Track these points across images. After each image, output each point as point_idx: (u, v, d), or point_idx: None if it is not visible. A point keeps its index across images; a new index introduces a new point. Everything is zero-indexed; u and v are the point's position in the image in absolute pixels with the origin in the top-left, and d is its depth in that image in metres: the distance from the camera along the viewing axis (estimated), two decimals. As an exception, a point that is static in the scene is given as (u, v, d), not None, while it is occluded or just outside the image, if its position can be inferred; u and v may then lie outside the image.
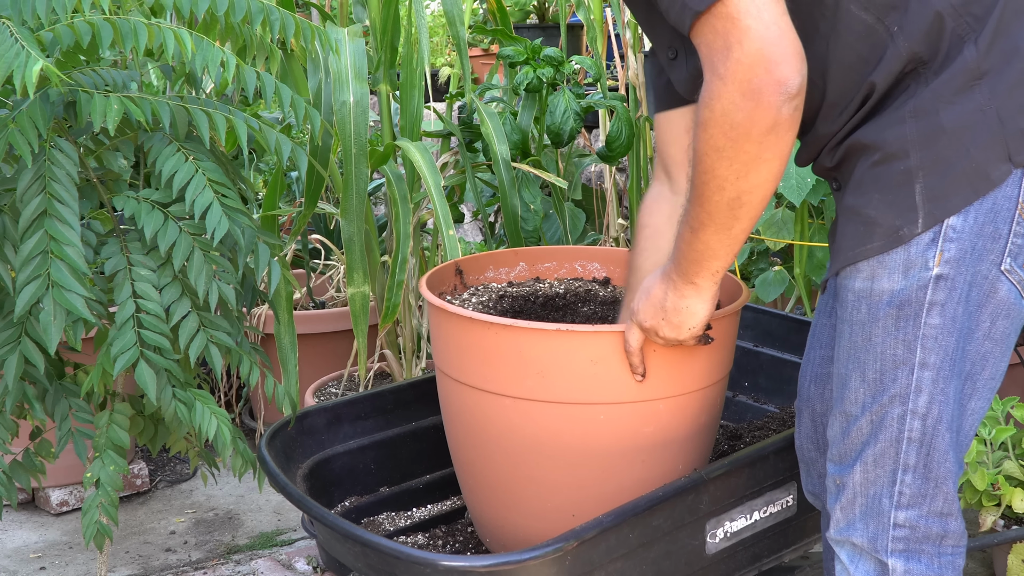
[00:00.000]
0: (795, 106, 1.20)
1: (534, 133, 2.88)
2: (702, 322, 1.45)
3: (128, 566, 2.47)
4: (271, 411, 3.14)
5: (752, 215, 1.29)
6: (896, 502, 1.36)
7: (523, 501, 1.71)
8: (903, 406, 1.33)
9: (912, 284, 1.28)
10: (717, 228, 1.30)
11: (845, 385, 1.38)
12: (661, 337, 1.48)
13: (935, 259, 1.27)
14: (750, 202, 1.27)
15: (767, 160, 1.23)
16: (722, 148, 1.22)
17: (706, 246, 1.33)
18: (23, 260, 1.47)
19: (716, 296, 1.44)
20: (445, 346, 1.72)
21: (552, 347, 1.58)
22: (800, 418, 1.63)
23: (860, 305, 1.33)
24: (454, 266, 1.96)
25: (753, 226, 1.32)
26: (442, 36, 4.48)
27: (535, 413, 1.62)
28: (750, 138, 1.20)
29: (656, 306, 1.46)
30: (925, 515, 1.36)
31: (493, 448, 1.70)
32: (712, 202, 1.28)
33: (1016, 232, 1.28)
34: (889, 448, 1.35)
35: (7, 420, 1.66)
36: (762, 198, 1.27)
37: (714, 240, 1.32)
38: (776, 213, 2.66)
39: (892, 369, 1.32)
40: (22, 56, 1.36)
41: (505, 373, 1.62)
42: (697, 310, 1.43)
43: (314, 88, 2.37)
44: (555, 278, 2.06)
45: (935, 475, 1.35)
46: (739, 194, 1.26)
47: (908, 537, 1.37)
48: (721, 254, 1.34)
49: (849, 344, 1.37)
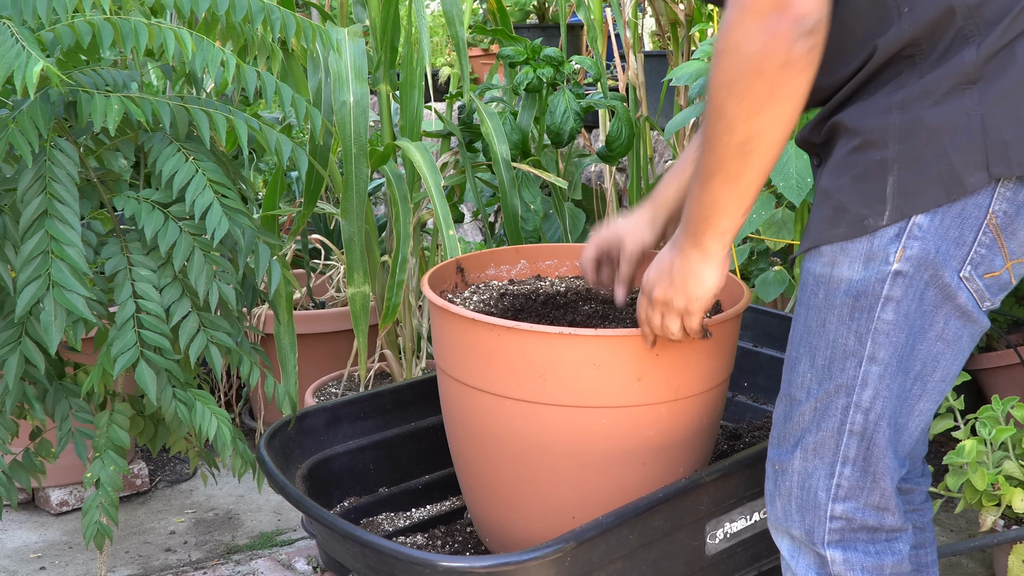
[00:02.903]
0: (811, 45, 1.19)
1: (534, 133, 2.88)
2: (710, 292, 1.41)
3: (128, 566, 2.46)
4: (271, 411, 3.14)
5: (762, 164, 1.26)
6: (833, 494, 1.36)
7: (523, 502, 1.71)
8: (847, 397, 1.33)
9: (871, 276, 1.28)
10: (726, 176, 1.27)
11: (793, 368, 1.38)
12: (673, 310, 1.44)
13: (896, 254, 1.27)
14: (759, 148, 1.24)
15: (779, 99, 1.21)
16: (734, 82, 1.21)
17: (714, 199, 1.30)
18: (24, 260, 1.47)
19: (725, 266, 1.40)
20: (447, 346, 1.72)
21: (554, 350, 1.58)
22: None
23: (818, 289, 1.33)
24: (455, 264, 1.96)
25: (763, 181, 1.29)
26: (442, 36, 4.48)
27: (536, 415, 1.62)
28: (762, 72, 1.19)
29: (665, 272, 1.43)
30: (861, 507, 1.36)
31: (494, 449, 1.70)
32: (721, 145, 1.25)
33: (981, 242, 1.27)
34: (830, 439, 1.35)
35: (7, 420, 1.66)
36: (772, 144, 1.25)
37: (722, 192, 1.29)
38: (776, 213, 2.66)
39: (841, 359, 1.32)
40: (23, 56, 1.36)
41: (507, 375, 1.62)
42: (704, 276, 1.39)
43: (314, 88, 2.37)
44: (556, 276, 2.06)
45: (874, 470, 1.35)
46: (748, 137, 1.23)
47: (844, 528, 1.37)
48: (730, 210, 1.31)
49: (803, 327, 1.36)
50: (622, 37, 3.18)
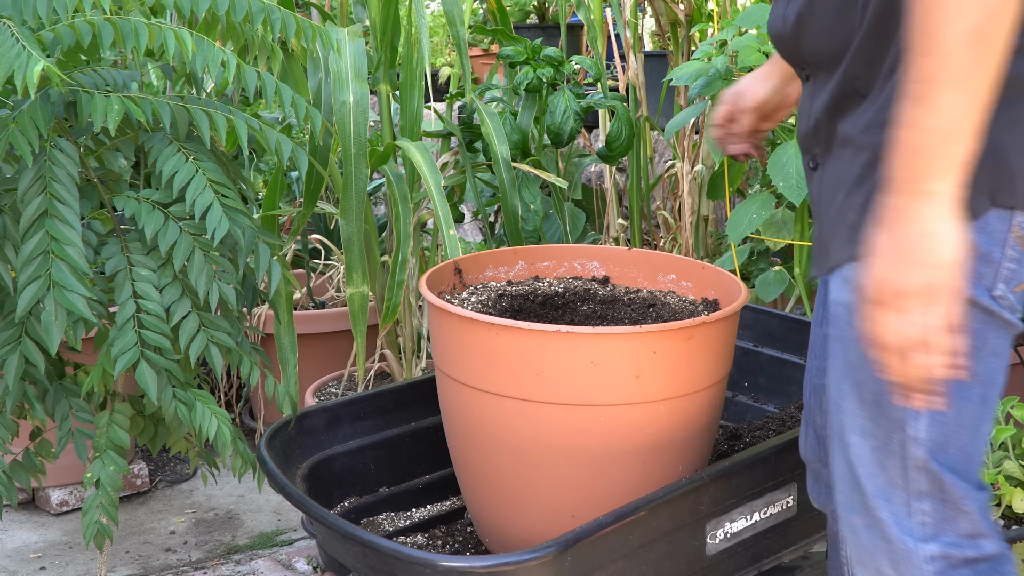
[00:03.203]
0: None
1: (534, 133, 2.88)
2: (955, 251, 1.07)
3: (128, 566, 2.46)
4: (271, 411, 3.14)
5: (996, 59, 1.03)
6: (921, 535, 1.24)
7: (523, 501, 1.71)
8: (903, 432, 1.23)
9: None
10: (957, 79, 1.02)
11: (840, 409, 1.28)
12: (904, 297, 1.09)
13: None
14: (995, 33, 1.01)
15: None
16: None
17: (943, 117, 1.04)
18: (24, 260, 1.47)
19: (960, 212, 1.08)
20: (445, 346, 1.72)
21: (552, 348, 1.58)
22: (805, 427, 1.57)
23: (853, 320, 1.22)
24: (453, 265, 1.97)
25: (994, 87, 1.04)
26: (442, 36, 4.48)
27: (535, 414, 1.62)
28: None
29: (884, 257, 1.10)
30: (954, 540, 1.25)
31: (493, 448, 1.70)
32: (948, 36, 1.01)
33: (1009, 256, 1.19)
34: (897, 477, 1.25)
35: (7, 420, 1.66)
36: (1006, 29, 1.02)
37: (953, 101, 1.03)
38: (776, 213, 2.66)
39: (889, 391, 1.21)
40: (23, 56, 1.36)
41: (505, 374, 1.62)
42: (942, 231, 1.07)
43: (314, 88, 2.37)
44: (554, 277, 2.06)
45: (952, 498, 1.24)
46: (984, 17, 1.00)
47: (944, 568, 1.25)
48: (963, 128, 1.04)
49: (843, 363, 1.27)
50: (622, 37, 3.18)
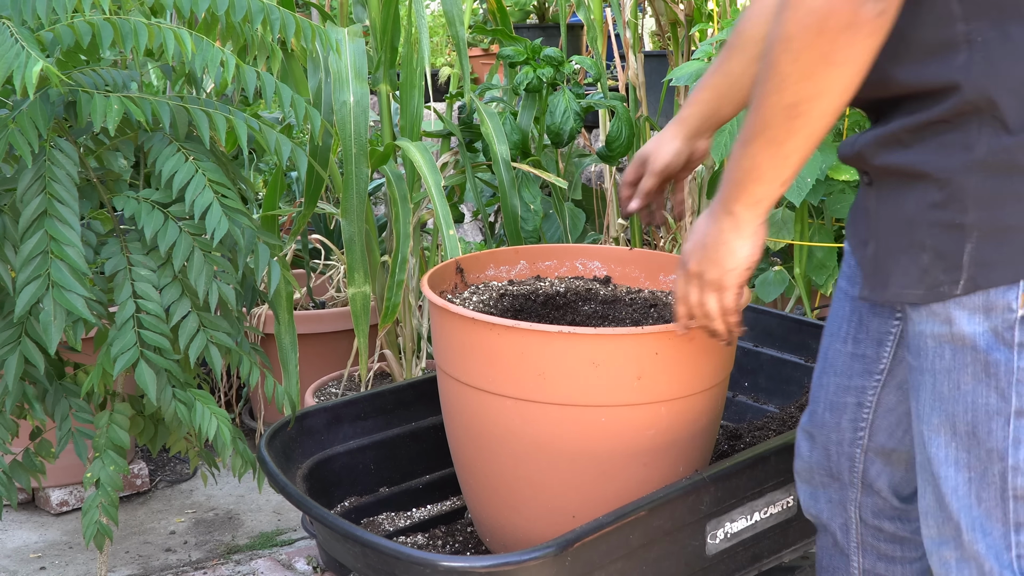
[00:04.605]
0: (881, 9, 1.09)
1: (534, 133, 2.88)
2: (743, 264, 1.32)
3: (128, 566, 2.46)
4: (271, 411, 3.14)
5: (809, 133, 1.18)
6: (1019, 568, 1.24)
7: (524, 502, 1.71)
8: (1002, 462, 1.21)
9: (997, 326, 1.18)
10: (768, 140, 1.20)
11: (930, 443, 1.27)
12: (707, 283, 1.36)
13: (1019, 300, 1.17)
14: (809, 113, 1.16)
15: (838, 64, 1.12)
16: (791, 37, 1.12)
17: (752, 163, 1.23)
18: (23, 260, 1.47)
19: (759, 239, 1.31)
20: (446, 346, 1.72)
21: (553, 348, 1.58)
22: (811, 442, 1.54)
23: (942, 351, 1.22)
24: (455, 264, 1.97)
25: (807, 153, 1.20)
26: (442, 36, 4.48)
27: (536, 414, 1.62)
28: (824, 31, 1.10)
29: (698, 242, 1.35)
30: None
31: (494, 449, 1.70)
32: (768, 105, 1.17)
33: None
34: (995, 509, 1.23)
35: (7, 420, 1.66)
36: (824, 113, 1.16)
37: (762, 155, 1.21)
38: (776, 213, 2.66)
39: (986, 421, 1.21)
40: (22, 56, 1.36)
41: (506, 374, 1.62)
42: (736, 247, 1.31)
43: (314, 88, 2.37)
44: (556, 276, 2.06)
45: None
46: (798, 100, 1.15)
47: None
48: (767, 177, 1.23)
49: (932, 395, 1.25)
50: (622, 37, 3.18)
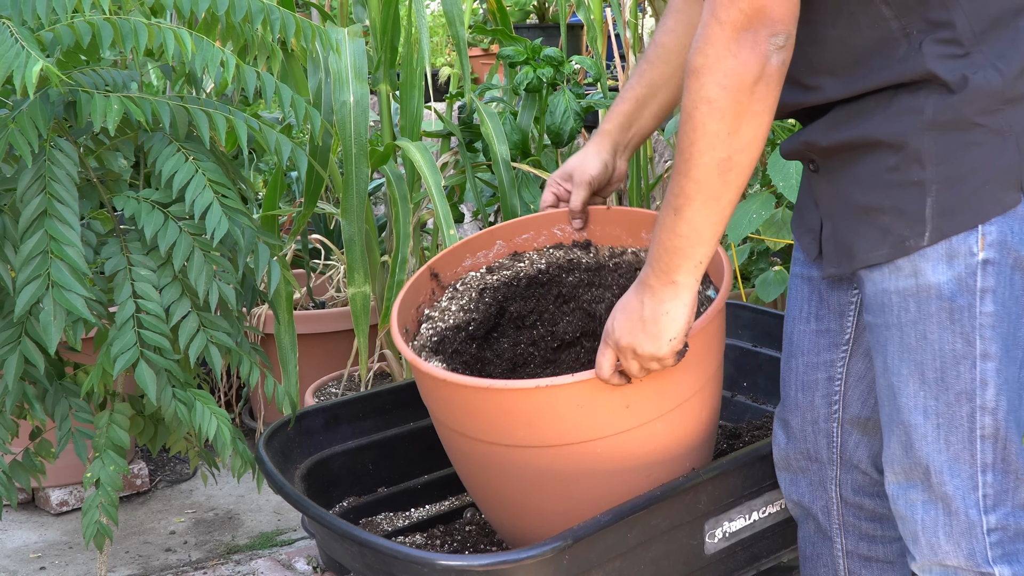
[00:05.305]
0: (783, 59, 1.21)
1: (534, 133, 2.88)
2: (683, 329, 1.36)
3: (128, 566, 2.47)
4: (271, 411, 3.14)
5: (741, 183, 1.25)
6: (983, 507, 1.30)
7: (534, 526, 1.68)
8: (971, 403, 1.28)
9: (960, 272, 1.26)
10: (706, 199, 1.26)
11: (900, 393, 1.32)
12: (638, 356, 1.38)
13: (979, 243, 1.25)
14: (740, 164, 1.24)
15: (757, 113, 1.22)
16: (714, 99, 1.21)
17: (692, 227, 1.28)
18: (23, 260, 1.47)
19: (696, 299, 1.36)
20: (429, 400, 1.68)
21: (535, 401, 1.52)
22: (786, 429, 1.60)
23: (907, 304, 1.29)
24: (428, 272, 1.85)
25: (735, 204, 1.27)
26: (442, 36, 4.48)
27: (531, 458, 1.58)
28: (741, 88, 1.20)
29: (633, 319, 1.36)
30: (1012, 511, 1.31)
31: (497, 484, 1.66)
32: (701, 166, 1.24)
33: None
34: (963, 451, 1.29)
35: (7, 420, 1.66)
36: (750, 161, 1.24)
37: (701, 217, 1.27)
38: (776, 213, 2.66)
39: (953, 366, 1.27)
40: (22, 56, 1.36)
41: (492, 426, 1.58)
42: (678, 315, 1.34)
43: (314, 88, 2.37)
44: (534, 248, 1.93)
45: (1014, 468, 1.30)
46: (731, 153, 1.23)
47: (1002, 539, 1.31)
48: (707, 236, 1.28)
49: (900, 347, 1.31)
50: (622, 37, 3.18)
